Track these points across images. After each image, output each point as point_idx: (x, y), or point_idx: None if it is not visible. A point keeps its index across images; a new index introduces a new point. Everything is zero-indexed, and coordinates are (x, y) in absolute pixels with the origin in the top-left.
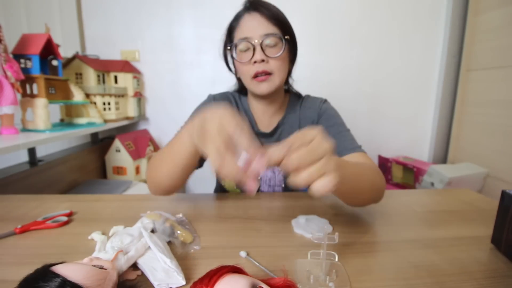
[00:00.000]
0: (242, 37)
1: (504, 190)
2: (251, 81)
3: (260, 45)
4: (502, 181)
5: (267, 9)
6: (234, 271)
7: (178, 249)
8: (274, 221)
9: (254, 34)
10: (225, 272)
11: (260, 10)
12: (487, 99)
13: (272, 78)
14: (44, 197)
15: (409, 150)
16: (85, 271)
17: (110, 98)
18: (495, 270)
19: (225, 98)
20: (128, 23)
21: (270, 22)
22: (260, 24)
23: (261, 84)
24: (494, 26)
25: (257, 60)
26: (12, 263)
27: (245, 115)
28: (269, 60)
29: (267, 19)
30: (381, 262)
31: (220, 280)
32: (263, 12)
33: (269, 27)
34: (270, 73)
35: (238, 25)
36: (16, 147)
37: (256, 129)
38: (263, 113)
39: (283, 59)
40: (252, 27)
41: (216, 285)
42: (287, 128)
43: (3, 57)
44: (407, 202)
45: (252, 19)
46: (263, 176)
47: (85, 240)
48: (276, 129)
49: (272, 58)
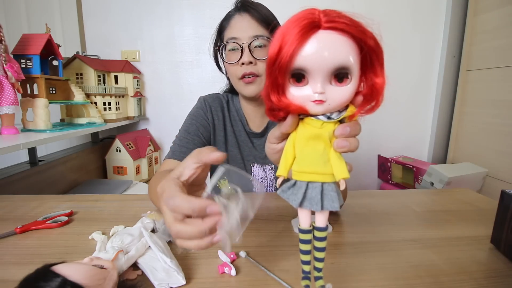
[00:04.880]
0: (231, 37)
1: (503, 190)
2: (238, 82)
3: (248, 46)
4: (502, 181)
5: (257, 10)
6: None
7: (178, 249)
8: (274, 221)
9: (243, 35)
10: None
11: (250, 11)
12: (486, 99)
13: (259, 80)
14: (44, 197)
15: (409, 150)
16: (85, 270)
17: (111, 98)
18: (494, 270)
19: (215, 99)
20: (128, 23)
21: (260, 24)
22: (250, 25)
23: (248, 86)
24: (493, 26)
25: (244, 62)
26: (12, 263)
27: (236, 115)
28: (257, 62)
29: (257, 20)
30: (380, 262)
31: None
32: (253, 14)
33: (259, 29)
34: (257, 75)
35: (228, 25)
36: (16, 147)
37: (247, 129)
38: (254, 113)
39: None
40: (241, 28)
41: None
42: None
43: (4, 57)
44: (407, 202)
45: (242, 20)
46: (255, 176)
47: (86, 240)
48: (267, 129)
49: (260, 60)
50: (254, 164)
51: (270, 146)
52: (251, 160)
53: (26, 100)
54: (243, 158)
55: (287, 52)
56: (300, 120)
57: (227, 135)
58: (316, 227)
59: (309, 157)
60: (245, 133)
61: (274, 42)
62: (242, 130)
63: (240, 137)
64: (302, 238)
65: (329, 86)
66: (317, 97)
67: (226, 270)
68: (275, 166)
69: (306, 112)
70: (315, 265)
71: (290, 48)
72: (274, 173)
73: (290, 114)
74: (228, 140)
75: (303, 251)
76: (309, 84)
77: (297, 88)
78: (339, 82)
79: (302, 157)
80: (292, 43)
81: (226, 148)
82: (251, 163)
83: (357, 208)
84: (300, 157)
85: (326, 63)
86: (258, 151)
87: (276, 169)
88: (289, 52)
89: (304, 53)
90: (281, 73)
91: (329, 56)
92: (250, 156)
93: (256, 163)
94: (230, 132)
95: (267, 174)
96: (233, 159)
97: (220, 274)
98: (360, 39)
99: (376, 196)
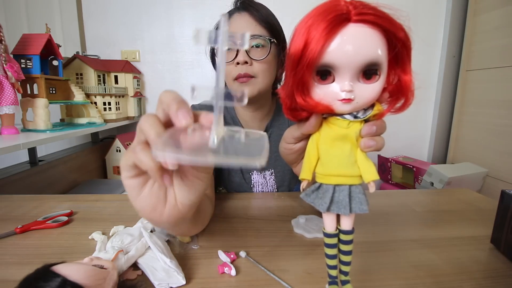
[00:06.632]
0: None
1: (503, 190)
2: (233, 83)
3: None
4: (502, 181)
5: (257, 10)
6: None
7: (176, 249)
8: (274, 221)
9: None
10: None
11: (250, 10)
12: (486, 99)
13: (254, 81)
14: (44, 197)
15: (409, 150)
16: (85, 270)
17: (111, 98)
18: (494, 270)
19: (204, 107)
20: (128, 23)
21: (259, 24)
22: (248, 24)
23: (242, 86)
24: (493, 26)
25: (239, 61)
26: (12, 263)
27: (232, 123)
28: (253, 63)
29: (256, 20)
30: (380, 262)
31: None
32: (253, 13)
33: (257, 29)
34: (253, 76)
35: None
36: (16, 147)
37: None
38: (251, 119)
39: (269, 62)
40: (239, 27)
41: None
42: (276, 131)
43: (4, 57)
44: (407, 202)
45: (241, 19)
46: (255, 183)
47: (86, 240)
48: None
49: (256, 61)
50: (253, 172)
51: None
52: (249, 169)
53: (26, 100)
54: (240, 167)
55: (315, 48)
56: (323, 120)
57: None
58: (343, 230)
59: (336, 159)
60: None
61: (298, 37)
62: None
63: None
64: (327, 243)
65: (357, 84)
66: (344, 95)
67: (226, 270)
68: (275, 171)
69: (332, 111)
70: (341, 268)
71: (318, 44)
72: (274, 178)
73: (314, 114)
74: None
75: (329, 255)
76: (336, 81)
77: (322, 86)
78: (367, 79)
79: (328, 159)
80: (320, 38)
81: None
82: (249, 171)
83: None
84: (325, 159)
85: (356, 59)
86: None
87: (275, 174)
88: (318, 48)
89: (333, 49)
90: (308, 70)
91: (360, 52)
92: None
93: (255, 170)
94: None
95: (267, 180)
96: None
97: (220, 274)
98: (390, 32)
99: (376, 196)
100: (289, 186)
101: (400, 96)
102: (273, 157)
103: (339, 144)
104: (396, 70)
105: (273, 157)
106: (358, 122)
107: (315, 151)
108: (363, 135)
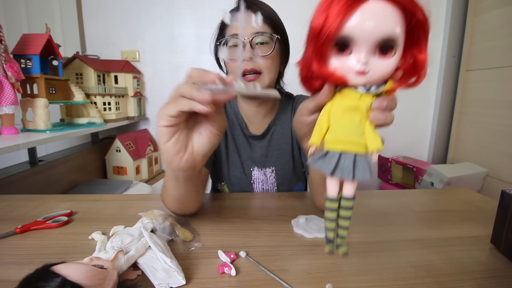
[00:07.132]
0: (232, 33)
1: (503, 190)
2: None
3: (249, 42)
4: (502, 181)
5: (260, 7)
6: None
7: (180, 247)
8: (274, 221)
9: (244, 31)
10: None
11: (252, 8)
12: (487, 99)
13: (261, 78)
14: (44, 197)
15: (409, 150)
16: (85, 270)
17: (110, 98)
18: (494, 270)
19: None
20: (128, 23)
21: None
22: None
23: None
24: (493, 26)
25: (245, 57)
26: (12, 263)
27: (235, 119)
28: (258, 59)
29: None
30: (380, 262)
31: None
32: (256, 11)
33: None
34: (259, 72)
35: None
36: (16, 147)
37: (246, 132)
38: (255, 115)
39: (273, 58)
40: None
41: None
42: (279, 129)
43: (4, 57)
44: (407, 202)
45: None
46: (255, 179)
47: (85, 240)
48: (268, 131)
49: (261, 57)
50: (254, 168)
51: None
52: (250, 164)
53: (26, 100)
54: (242, 162)
55: (336, 21)
56: (337, 91)
57: (227, 141)
58: (345, 196)
59: (345, 127)
60: (243, 136)
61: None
62: (240, 134)
63: (238, 141)
64: (328, 206)
65: (373, 58)
66: (360, 67)
67: (226, 270)
68: (276, 168)
69: (346, 83)
70: (339, 232)
71: (339, 16)
72: (274, 175)
73: (327, 84)
74: (228, 145)
75: (329, 218)
76: (353, 53)
77: (340, 58)
78: (383, 54)
79: (337, 126)
80: (341, 11)
81: (227, 153)
82: (250, 167)
83: (357, 208)
84: (335, 127)
85: (374, 33)
86: (257, 154)
87: (276, 171)
88: (338, 20)
89: (353, 22)
90: (327, 41)
91: (378, 26)
92: (249, 160)
93: (255, 167)
94: (229, 138)
95: (268, 177)
96: (232, 163)
97: (220, 274)
98: (410, 11)
99: (376, 196)
100: (289, 185)
101: (413, 73)
102: (275, 155)
103: (350, 114)
104: (412, 51)
105: (274, 155)
106: (370, 96)
107: (327, 119)
108: (374, 108)
